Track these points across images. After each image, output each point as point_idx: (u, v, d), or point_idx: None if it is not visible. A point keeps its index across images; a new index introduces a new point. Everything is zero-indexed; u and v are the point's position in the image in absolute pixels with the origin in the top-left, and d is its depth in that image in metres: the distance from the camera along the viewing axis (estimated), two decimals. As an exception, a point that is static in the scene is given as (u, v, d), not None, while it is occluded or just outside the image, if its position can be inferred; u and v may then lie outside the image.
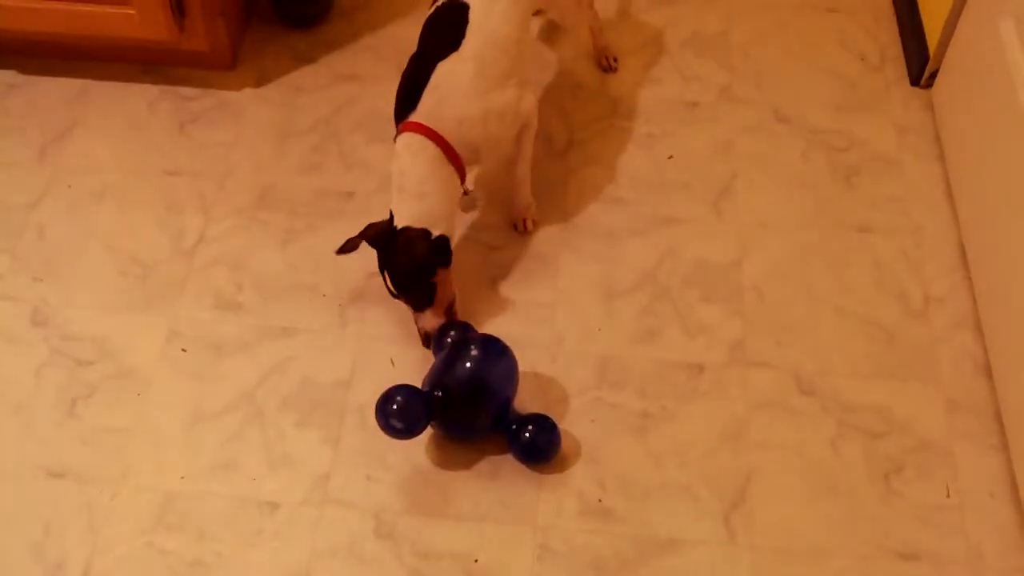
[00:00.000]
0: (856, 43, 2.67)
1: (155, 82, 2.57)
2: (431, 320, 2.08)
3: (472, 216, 2.34)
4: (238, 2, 2.62)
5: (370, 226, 2.08)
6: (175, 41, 2.42)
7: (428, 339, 2.08)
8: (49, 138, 2.47)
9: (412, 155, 2.04)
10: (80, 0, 2.35)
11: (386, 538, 1.89)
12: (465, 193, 2.33)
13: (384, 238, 2.04)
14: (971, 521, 1.91)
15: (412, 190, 2.04)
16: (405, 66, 2.15)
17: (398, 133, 2.08)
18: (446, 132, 2.05)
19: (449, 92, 2.05)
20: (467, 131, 2.07)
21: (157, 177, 2.40)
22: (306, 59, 2.63)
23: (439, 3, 2.16)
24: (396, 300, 2.08)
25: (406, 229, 2.02)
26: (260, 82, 2.59)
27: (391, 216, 2.06)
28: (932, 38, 2.50)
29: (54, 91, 2.56)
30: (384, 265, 2.05)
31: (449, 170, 2.06)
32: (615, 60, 2.62)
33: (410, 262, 2.01)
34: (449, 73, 2.05)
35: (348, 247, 2.08)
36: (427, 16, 2.19)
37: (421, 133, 2.04)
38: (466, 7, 2.09)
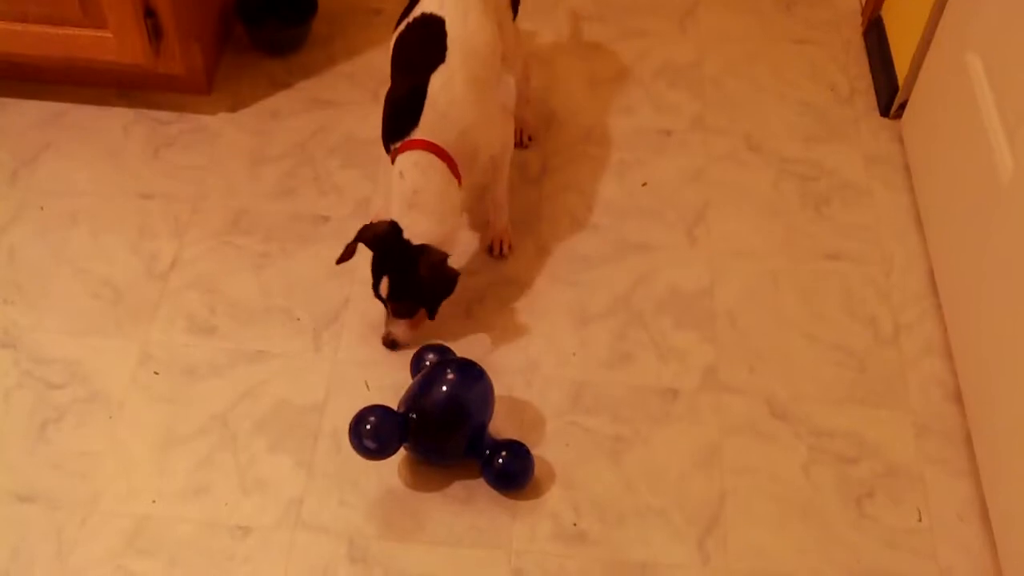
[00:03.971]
0: (826, 74, 2.72)
1: (130, 106, 2.57)
2: (405, 332, 2.12)
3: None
4: (214, 27, 2.63)
5: (367, 228, 2.07)
6: (151, 65, 2.42)
7: (393, 345, 2.13)
8: (21, 160, 2.45)
9: (423, 172, 2.03)
10: (56, 23, 2.35)
11: (359, 563, 1.88)
12: None
13: (389, 246, 2.03)
14: (941, 544, 1.93)
15: (429, 208, 2.03)
16: (390, 88, 2.15)
17: (400, 151, 2.06)
18: (449, 146, 2.04)
19: (448, 104, 2.04)
20: (468, 141, 2.07)
21: (131, 200, 2.39)
22: (282, 84, 2.64)
23: (410, 20, 2.15)
24: (375, 300, 2.09)
25: (428, 249, 2.02)
26: (235, 107, 2.59)
27: (393, 223, 2.04)
28: (901, 70, 2.54)
29: (28, 113, 2.55)
30: (384, 270, 2.04)
31: (455, 186, 2.07)
32: (530, 139, 2.52)
33: (433, 290, 2.05)
34: (444, 85, 2.04)
35: (347, 255, 2.08)
36: (398, 35, 2.17)
37: (428, 150, 2.03)
38: (441, 20, 2.09)
